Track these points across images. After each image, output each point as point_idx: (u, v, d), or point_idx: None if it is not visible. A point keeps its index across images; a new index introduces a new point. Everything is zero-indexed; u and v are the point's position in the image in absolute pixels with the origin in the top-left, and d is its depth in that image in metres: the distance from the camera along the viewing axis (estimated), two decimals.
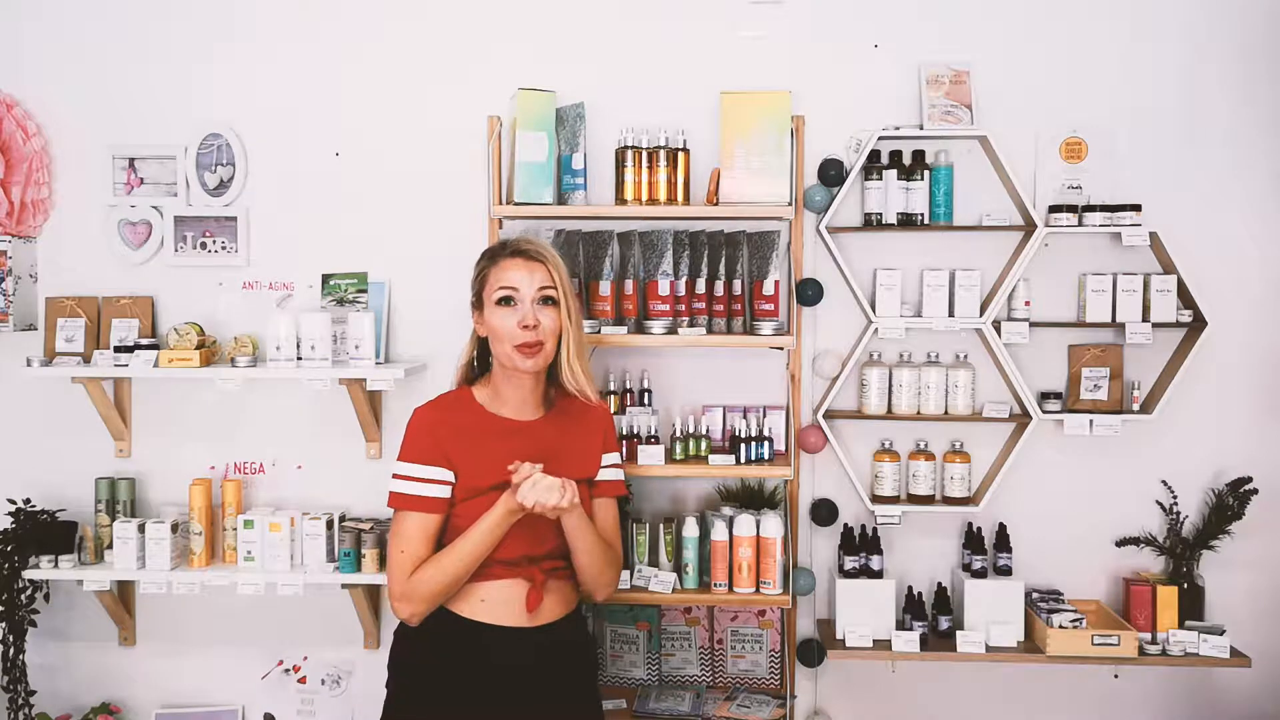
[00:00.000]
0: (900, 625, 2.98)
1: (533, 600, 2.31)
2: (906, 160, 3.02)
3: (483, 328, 2.41)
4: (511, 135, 2.92)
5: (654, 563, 2.95)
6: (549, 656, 2.34)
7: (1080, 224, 2.94)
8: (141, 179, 3.14)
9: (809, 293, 2.97)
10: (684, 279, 2.96)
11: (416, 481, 2.32)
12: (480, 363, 2.50)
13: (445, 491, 2.32)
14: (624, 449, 2.85)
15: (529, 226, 3.05)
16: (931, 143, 3.02)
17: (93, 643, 3.21)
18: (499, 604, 2.31)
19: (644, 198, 2.90)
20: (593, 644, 2.56)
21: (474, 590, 2.32)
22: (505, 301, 2.34)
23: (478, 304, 2.42)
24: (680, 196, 2.91)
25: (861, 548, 3.03)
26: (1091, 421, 2.97)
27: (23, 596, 3.00)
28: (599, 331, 2.89)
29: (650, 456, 2.87)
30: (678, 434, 2.93)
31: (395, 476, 2.34)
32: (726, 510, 2.99)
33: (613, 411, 2.94)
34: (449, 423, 2.36)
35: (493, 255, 2.41)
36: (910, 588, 3.04)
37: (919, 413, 3.00)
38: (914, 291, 3.04)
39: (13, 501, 3.06)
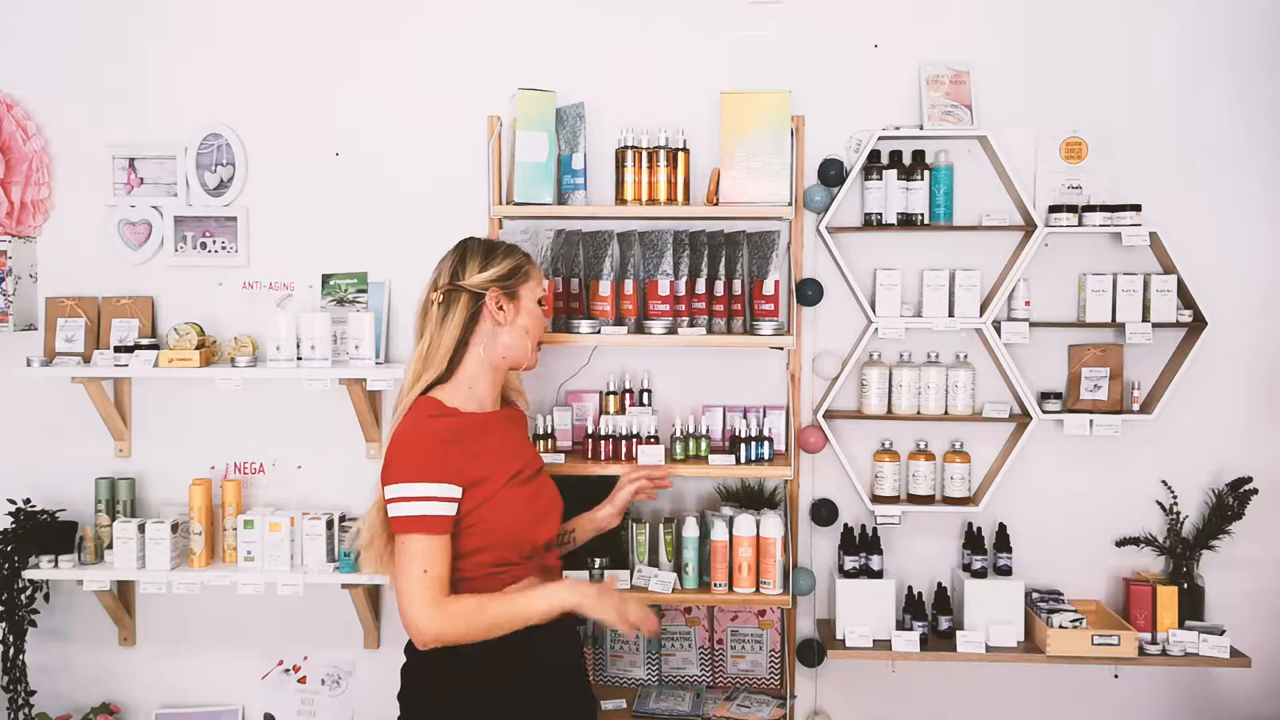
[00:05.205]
0: (900, 625, 2.99)
1: None
2: (906, 160, 3.02)
3: (506, 315, 2.33)
4: (511, 135, 2.92)
5: (654, 563, 2.95)
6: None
7: (1080, 224, 2.94)
8: (141, 179, 3.14)
9: (809, 293, 2.97)
10: (684, 279, 2.96)
11: (433, 501, 2.15)
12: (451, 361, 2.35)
13: (454, 509, 2.18)
14: (624, 449, 2.88)
15: (529, 226, 3.05)
16: (931, 143, 3.02)
17: (93, 643, 3.21)
18: None
19: (644, 198, 2.90)
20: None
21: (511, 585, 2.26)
22: (540, 304, 2.43)
23: (510, 295, 2.35)
24: (680, 196, 2.90)
25: (861, 548, 3.03)
26: (1091, 421, 2.97)
27: (23, 596, 3.00)
28: (599, 332, 2.89)
29: (650, 456, 2.87)
30: (678, 434, 2.93)
31: (405, 500, 2.14)
32: (726, 510, 2.99)
33: (613, 411, 2.98)
34: (454, 436, 2.23)
35: (528, 257, 2.43)
36: (910, 588, 3.04)
37: (919, 413, 3.00)
38: (914, 291, 3.04)
39: (13, 501, 3.06)
